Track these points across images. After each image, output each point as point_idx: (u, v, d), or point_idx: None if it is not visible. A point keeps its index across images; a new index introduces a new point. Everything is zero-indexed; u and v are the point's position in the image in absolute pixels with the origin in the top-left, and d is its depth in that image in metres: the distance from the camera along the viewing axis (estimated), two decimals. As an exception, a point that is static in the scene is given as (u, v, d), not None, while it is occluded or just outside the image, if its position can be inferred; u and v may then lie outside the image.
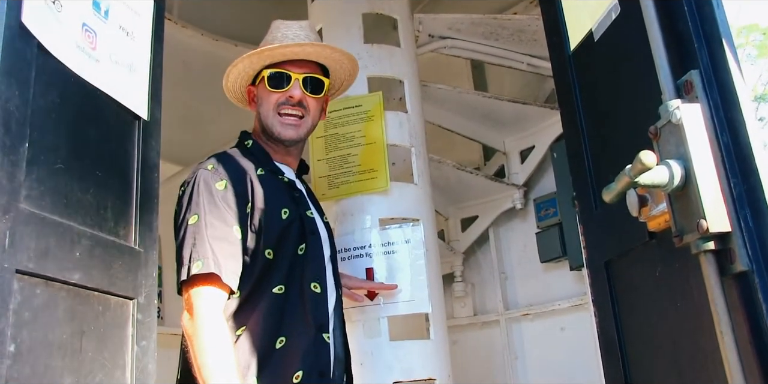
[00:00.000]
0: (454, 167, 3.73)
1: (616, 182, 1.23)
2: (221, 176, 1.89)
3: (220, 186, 1.87)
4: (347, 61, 2.18)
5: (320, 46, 2.10)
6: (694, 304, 1.22)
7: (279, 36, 2.11)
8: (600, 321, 1.63)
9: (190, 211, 1.84)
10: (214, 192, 1.86)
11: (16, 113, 1.11)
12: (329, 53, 2.12)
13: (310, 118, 2.08)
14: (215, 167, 1.91)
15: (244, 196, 1.88)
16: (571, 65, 1.70)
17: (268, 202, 1.90)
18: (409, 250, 2.66)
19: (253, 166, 1.98)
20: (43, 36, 1.21)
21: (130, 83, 1.50)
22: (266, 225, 1.88)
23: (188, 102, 3.85)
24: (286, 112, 2.03)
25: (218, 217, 1.83)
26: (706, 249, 1.11)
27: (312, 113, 2.08)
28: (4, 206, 1.06)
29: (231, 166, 1.94)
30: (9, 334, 1.04)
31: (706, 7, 1.20)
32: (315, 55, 2.10)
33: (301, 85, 2.05)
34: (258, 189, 1.91)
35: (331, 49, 2.13)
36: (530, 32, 3.56)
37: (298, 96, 2.03)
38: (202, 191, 1.86)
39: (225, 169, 1.92)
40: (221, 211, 1.84)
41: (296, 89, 2.04)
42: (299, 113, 2.04)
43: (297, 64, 2.07)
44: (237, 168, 1.94)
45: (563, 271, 3.62)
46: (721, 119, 1.14)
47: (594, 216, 1.64)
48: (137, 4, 1.57)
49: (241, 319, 1.82)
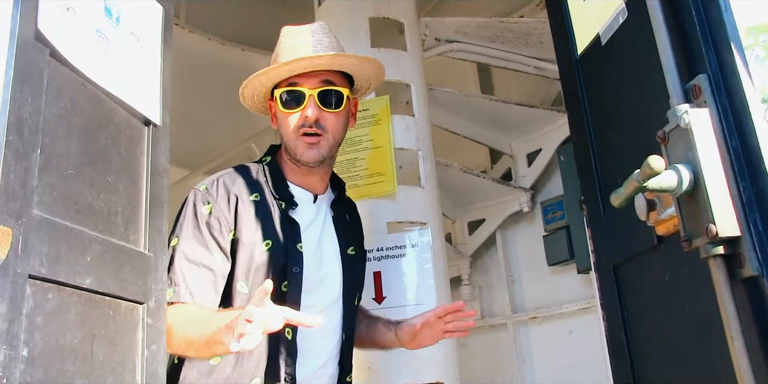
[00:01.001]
0: (461, 170, 3.74)
1: (625, 187, 1.23)
2: (209, 199, 1.80)
3: (206, 210, 1.79)
4: (367, 64, 1.97)
5: (329, 57, 1.88)
6: (703, 309, 1.22)
7: (287, 47, 1.92)
8: (609, 325, 1.63)
9: (174, 232, 1.77)
10: (199, 216, 1.78)
11: (28, 120, 1.12)
12: (342, 61, 1.92)
13: (331, 135, 1.88)
14: (208, 188, 1.83)
15: (228, 223, 1.78)
16: (579, 69, 1.70)
17: (249, 232, 1.79)
18: (417, 253, 2.67)
19: (250, 190, 1.85)
20: (56, 43, 1.22)
21: (141, 89, 1.51)
22: (242, 257, 1.77)
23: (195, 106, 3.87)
24: (305, 133, 1.86)
25: (200, 242, 1.75)
26: (715, 253, 1.11)
27: (332, 129, 1.88)
28: (17, 212, 1.07)
29: (224, 189, 1.83)
30: (22, 338, 1.05)
31: (713, 11, 1.20)
32: (326, 66, 1.89)
33: (317, 101, 1.86)
34: (244, 217, 1.80)
35: (344, 57, 1.92)
36: (536, 35, 3.56)
37: (313, 116, 1.84)
38: (188, 213, 1.79)
39: (217, 191, 1.82)
40: (203, 236, 1.76)
41: (311, 108, 1.85)
42: (317, 132, 1.86)
43: (310, 76, 1.88)
44: (229, 191, 1.83)
45: (571, 274, 3.62)
46: (730, 123, 1.14)
47: (602, 220, 1.64)
48: (147, 10, 1.58)
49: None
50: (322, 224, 1.95)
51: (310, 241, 1.89)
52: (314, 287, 1.85)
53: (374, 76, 2.02)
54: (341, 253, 1.95)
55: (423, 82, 3.11)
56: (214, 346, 1.57)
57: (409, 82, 3.01)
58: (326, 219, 1.96)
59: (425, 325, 1.95)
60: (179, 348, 1.65)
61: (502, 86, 4.27)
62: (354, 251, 1.99)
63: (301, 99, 1.86)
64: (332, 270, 1.91)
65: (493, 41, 3.66)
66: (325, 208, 1.98)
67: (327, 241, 1.93)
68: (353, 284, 1.96)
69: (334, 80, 1.90)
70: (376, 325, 2.07)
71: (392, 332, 2.01)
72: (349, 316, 1.93)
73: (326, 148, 1.88)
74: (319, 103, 1.86)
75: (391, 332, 2.02)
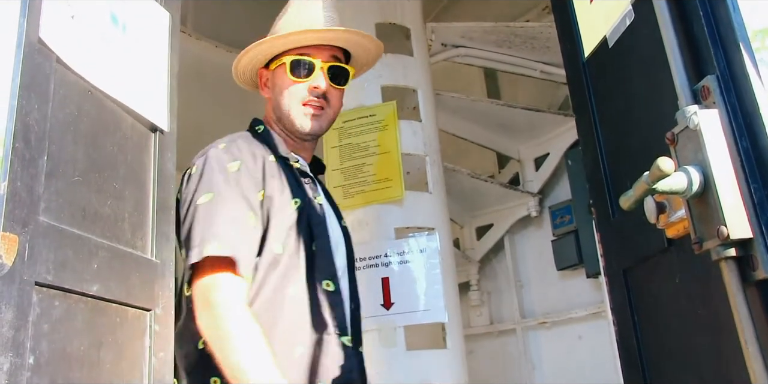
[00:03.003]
0: (469, 175, 3.74)
1: (634, 189, 1.22)
2: (234, 156, 1.73)
3: (233, 167, 1.71)
4: (374, 47, 1.97)
5: (352, 33, 1.88)
6: (715, 312, 1.21)
7: (296, 17, 1.88)
8: (619, 329, 1.62)
9: (199, 189, 1.67)
10: (229, 172, 1.70)
11: (35, 127, 1.12)
12: (359, 39, 1.91)
13: (332, 110, 1.88)
14: (227, 147, 1.77)
15: (257, 181, 1.72)
16: (586, 72, 1.69)
17: (277, 192, 1.73)
18: (425, 259, 2.66)
19: (266, 151, 1.81)
20: (61, 50, 1.22)
21: (148, 96, 1.51)
22: (276, 217, 1.70)
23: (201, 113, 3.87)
24: (311, 104, 1.84)
25: (234, 197, 1.67)
26: (726, 256, 1.10)
27: (334, 105, 1.88)
28: (23, 219, 1.07)
29: (245, 148, 1.77)
30: (29, 346, 1.04)
31: (722, 11, 1.19)
32: (344, 42, 1.90)
33: (326, 75, 1.85)
34: (271, 176, 1.75)
35: (362, 36, 1.91)
36: (543, 39, 3.56)
37: (323, 87, 1.83)
38: (215, 169, 1.70)
39: (240, 149, 1.76)
40: (236, 192, 1.67)
41: (321, 79, 1.83)
42: (322, 105, 1.84)
43: (320, 50, 1.87)
44: (251, 151, 1.78)
45: (580, 279, 3.61)
46: (740, 124, 1.13)
47: (611, 223, 1.62)
48: (153, 17, 1.58)
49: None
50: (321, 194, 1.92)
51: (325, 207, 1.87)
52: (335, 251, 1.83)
53: (373, 59, 2.02)
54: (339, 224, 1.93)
55: (430, 87, 3.11)
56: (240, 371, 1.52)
57: (416, 88, 3.01)
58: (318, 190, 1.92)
59: None
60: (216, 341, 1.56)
61: (509, 91, 4.27)
62: (344, 225, 1.97)
63: (312, 69, 1.84)
64: (339, 239, 1.88)
65: (499, 46, 3.65)
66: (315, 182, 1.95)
67: (329, 211, 1.90)
68: (352, 254, 1.94)
69: (339, 56, 1.91)
70: None
71: None
72: (354, 285, 1.90)
73: (326, 122, 1.88)
74: (328, 77, 1.85)
75: None
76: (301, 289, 1.71)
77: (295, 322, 1.68)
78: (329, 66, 1.86)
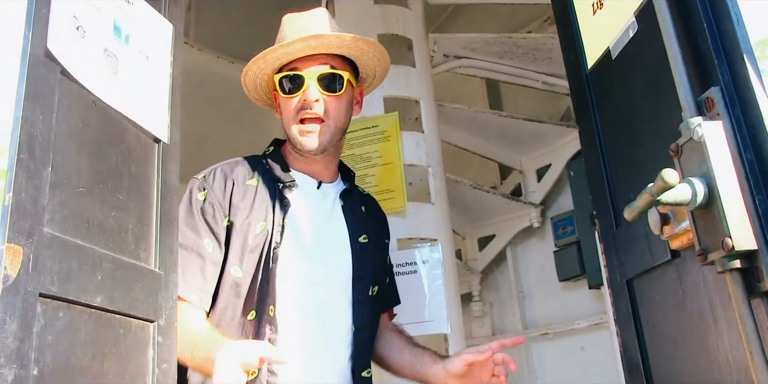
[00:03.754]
0: (471, 186, 3.73)
1: (638, 201, 1.22)
2: (205, 186, 1.80)
3: (201, 196, 1.78)
4: (368, 47, 1.89)
5: (327, 37, 1.81)
6: (720, 324, 1.21)
7: (288, 32, 1.86)
8: (623, 341, 1.61)
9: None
10: (194, 202, 1.78)
11: (39, 138, 1.12)
12: (341, 43, 1.84)
13: (332, 121, 1.83)
14: (206, 176, 1.83)
15: (222, 208, 1.76)
16: (589, 83, 1.69)
17: (243, 216, 1.76)
18: (427, 270, 2.66)
19: (248, 175, 1.84)
20: (66, 62, 1.22)
21: (150, 106, 1.51)
22: (236, 240, 1.74)
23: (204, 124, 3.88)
24: (306, 118, 1.82)
25: (191, 226, 1.74)
26: (732, 267, 1.10)
27: (333, 114, 1.83)
28: (27, 230, 1.07)
29: (222, 175, 1.82)
30: (32, 357, 1.04)
31: (726, 23, 1.19)
32: (324, 48, 1.83)
33: (317, 84, 1.81)
34: (238, 201, 1.78)
35: (341, 38, 1.83)
36: (545, 50, 3.57)
37: (312, 99, 1.80)
38: (184, 200, 1.78)
39: (214, 178, 1.81)
40: (195, 221, 1.75)
41: (311, 91, 1.80)
42: (316, 116, 1.81)
43: (309, 61, 1.83)
44: (227, 177, 1.82)
45: (582, 290, 3.59)
46: (744, 136, 1.13)
47: (615, 234, 1.62)
48: (156, 28, 1.59)
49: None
50: (329, 211, 1.91)
51: (317, 226, 1.86)
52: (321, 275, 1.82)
53: (378, 63, 1.96)
54: (351, 241, 1.90)
55: (432, 98, 3.11)
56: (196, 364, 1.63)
57: (418, 99, 3.02)
58: (334, 207, 1.92)
59: (476, 364, 1.80)
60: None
61: (511, 102, 4.27)
62: (367, 239, 1.94)
63: (301, 83, 1.82)
64: (340, 258, 1.86)
65: (501, 57, 3.66)
66: (333, 197, 1.93)
67: (335, 228, 1.89)
68: (365, 273, 1.89)
69: (334, 64, 1.86)
70: (422, 356, 1.95)
71: (440, 365, 1.87)
72: (362, 308, 1.86)
73: (327, 136, 1.83)
74: (320, 86, 1.82)
75: (438, 365, 1.87)
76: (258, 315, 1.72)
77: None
78: (318, 75, 1.82)
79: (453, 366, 1.82)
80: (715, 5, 1.21)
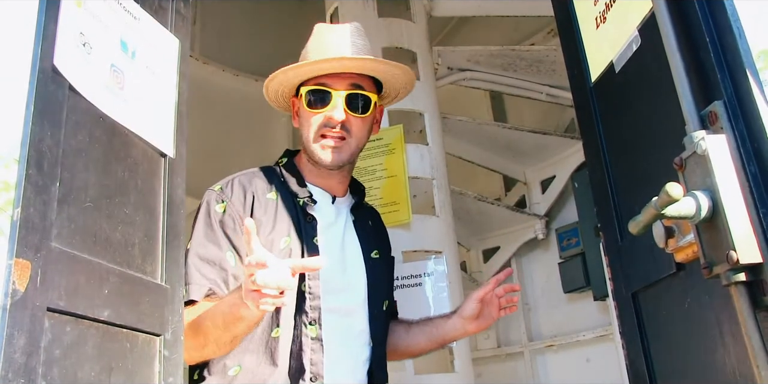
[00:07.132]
0: (476, 198, 3.73)
1: (643, 214, 1.22)
2: (224, 198, 1.78)
3: (219, 208, 1.76)
4: (400, 72, 1.90)
5: (363, 60, 1.82)
6: (726, 337, 1.21)
7: (320, 45, 1.86)
8: (629, 353, 1.61)
9: (193, 233, 1.74)
10: (212, 214, 1.76)
11: (48, 153, 1.13)
12: (376, 66, 1.85)
13: (354, 140, 1.83)
14: (223, 188, 1.81)
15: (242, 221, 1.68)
16: (593, 97, 1.70)
17: (267, 231, 1.74)
18: (432, 282, 2.66)
19: (267, 188, 1.82)
20: (73, 77, 1.23)
21: (156, 121, 1.52)
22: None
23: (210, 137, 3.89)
24: (329, 135, 1.80)
25: (212, 240, 1.72)
26: (737, 280, 1.10)
27: (356, 134, 1.83)
28: (36, 245, 1.07)
29: (240, 188, 1.80)
30: (40, 372, 1.05)
31: (728, 37, 1.20)
32: (358, 69, 1.83)
33: (344, 103, 1.80)
34: (260, 216, 1.76)
35: (378, 63, 1.85)
36: (548, 62, 3.58)
37: (338, 119, 1.79)
38: (202, 213, 1.77)
39: (232, 190, 1.79)
40: (216, 234, 1.73)
41: (337, 109, 1.79)
42: (340, 135, 1.80)
43: (340, 77, 1.82)
44: (245, 190, 1.80)
45: (587, 302, 3.59)
46: (748, 149, 1.13)
47: (620, 247, 1.62)
48: (162, 43, 1.60)
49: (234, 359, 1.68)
50: (343, 227, 1.90)
51: (333, 242, 1.85)
52: (339, 290, 1.81)
53: (404, 86, 1.96)
54: (365, 257, 1.90)
55: (436, 110, 3.12)
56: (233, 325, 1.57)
57: (423, 111, 3.03)
58: (347, 222, 1.92)
59: (484, 303, 1.91)
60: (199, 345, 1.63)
61: (515, 114, 4.28)
62: (378, 255, 1.94)
63: (328, 99, 1.81)
64: (356, 273, 1.86)
65: (505, 69, 3.67)
66: (345, 212, 1.93)
67: (349, 244, 1.89)
68: (379, 288, 1.90)
69: (363, 84, 1.85)
70: (430, 322, 2.01)
71: (454, 317, 1.95)
72: (378, 322, 1.87)
73: (348, 153, 1.83)
74: (347, 106, 1.81)
75: (452, 318, 1.95)
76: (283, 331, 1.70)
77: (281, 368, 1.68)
78: (347, 94, 1.81)
79: (467, 309, 1.92)
80: (717, 19, 1.22)
